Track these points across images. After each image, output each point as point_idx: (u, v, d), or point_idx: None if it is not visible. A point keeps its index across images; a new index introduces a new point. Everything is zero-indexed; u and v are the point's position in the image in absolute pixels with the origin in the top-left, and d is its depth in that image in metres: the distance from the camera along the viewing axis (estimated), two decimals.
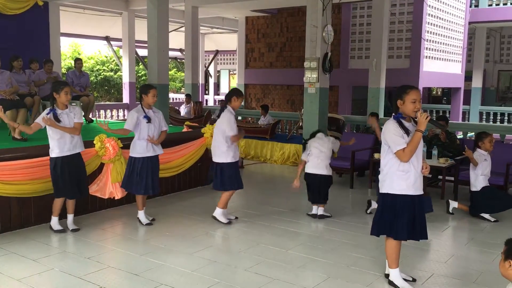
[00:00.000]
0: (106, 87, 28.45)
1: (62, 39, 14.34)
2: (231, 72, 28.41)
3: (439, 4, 14.80)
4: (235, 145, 5.91)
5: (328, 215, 6.25)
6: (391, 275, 4.15)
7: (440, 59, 15.29)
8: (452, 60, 16.15)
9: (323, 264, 4.68)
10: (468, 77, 18.39)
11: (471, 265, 4.76)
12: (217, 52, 23.66)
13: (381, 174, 4.05)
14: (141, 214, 5.90)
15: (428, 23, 14.23)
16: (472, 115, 18.88)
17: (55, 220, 5.50)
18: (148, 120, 5.64)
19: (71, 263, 4.64)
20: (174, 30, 16.83)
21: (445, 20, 15.24)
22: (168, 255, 4.87)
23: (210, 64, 24.20)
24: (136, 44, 16.11)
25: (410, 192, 3.93)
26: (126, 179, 5.83)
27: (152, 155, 5.76)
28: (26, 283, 4.15)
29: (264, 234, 5.59)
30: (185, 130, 8.62)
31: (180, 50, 21.05)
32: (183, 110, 14.08)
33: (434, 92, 24.02)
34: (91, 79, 22.27)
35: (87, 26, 16.56)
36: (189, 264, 4.61)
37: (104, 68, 28.73)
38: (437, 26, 14.78)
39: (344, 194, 7.75)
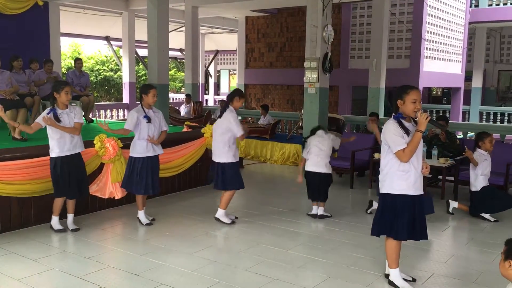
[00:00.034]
0: (106, 87, 28.46)
1: (62, 39, 14.34)
2: (231, 72, 28.41)
3: (439, 4, 14.80)
4: (235, 145, 5.91)
5: (328, 215, 6.25)
6: (391, 275, 4.15)
7: (440, 59, 15.29)
8: (452, 60, 16.15)
9: (323, 264, 4.68)
10: (468, 77, 18.39)
11: (471, 265, 4.76)
12: (217, 52, 23.66)
13: (381, 174, 4.05)
14: (141, 214, 5.90)
15: (428, 23, 14.22)
16: (472, 115, 18.88)
17: (55, 219, 5.51)
18: (148, 120, 5.63)
19: (71, 263, 4.64)
20: (174, 30, 16.83)
21: (445, 20, 15.24)
22: (168, 255, 4.87)
23: (210, 64, 24.21)
24: (136, 44, 16.11)
25: (410, 192, 3.93)
26: (126, 179, 5.83)
27: (152, 155, 5.76)
28: (26, 283, 4.16)
29: (264, 234, 5.59)
30: (185, 130, 8.63)
31: (180, 50, 21.06)
32: (183, 110, 14.09)
33: (434, 92, 24.02)
34: (91, 79, 22.28)
35: (87, 26, 16.57)
36: (189, 264, 4.61)
37: (104, 68, 28.74)
38: (437, 26, 14.78)
39: (344, 194, 7.75)
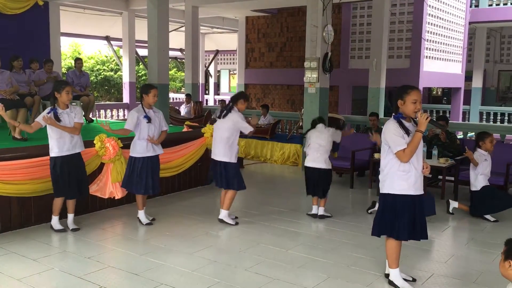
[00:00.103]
0: (106, 87, 28.46)
1: (62, 39, 14.34)
2: (231, 72, 28.41)
3: (439, 4, 14.79)
4: (238, 145, 5.92)
5: (329, 215, 6.25)
6: (391, 275, 4.15)
7: (440, 59, 15.29)
8: (452, 60, 16.14)
9: (323, 264, 4.68)
10: (468, 77, 18.39)
11: (471, 265, 4.76)
12: (217, 52, 23.66)
13: (381, 174, 4.05)
14: (141, 214, 5.90)
15: (428, 23, 14.22)
16: (472, 115, 18.87)
17: (55, 219, 5.51)
18: (149, 120, 5.63)
19: (71, 263, 4.64)
20: (174, 30, 16.83)
21: (445, 20, 15.24)
22: (168, 255, 4.87)
23: (210, 64, 24.20)
24: (136, 44, 16.11)
25: (411, 192, 3.93)
26: (126, 179, 5.83)
27: (152, 155, 5.76)
28: (26, 282, 4.16)
29: (264, 234, 5.59)
30: (185, 130, 8.63)
31: (180, 50, 21.06)
32: (183, 110, 14.09)
33: (434, 92, 24.01)
34: (91, 79, 22.31)
35: (87, 26, 16.57)
36: (189, 264, 4.61)
37: (104, 68, 28.74)
38: (437, 26, 14.78)
39: (344, 194, 7.75)
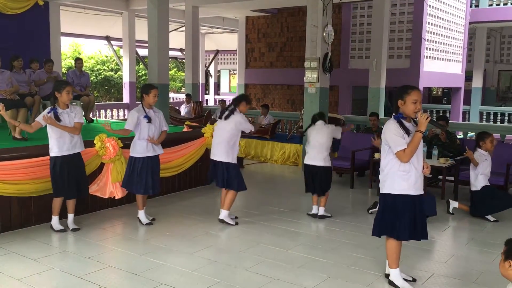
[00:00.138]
0: (107, 87, 28.46)
1: (63, 39, 14.33)
2: (232, 72, 28.41)
3: (440, 4, 14.79)
4: (238, 146, 5.92)
5: (329, 215, 6.25)
6: (391, 275, 4.15)
7: (440, 59, 15.28)
8: (452, 60, 16.14)
9: (323, 264, 4.68)
10: (468, 77, 18.38)
11: (471, 265, 4.76)
12: (217, 52, 23.66)
13: (381, 175, 4.05)
14: (141, 214, 5.90)
15: (429, 23, 14.22)
16: (472, 115, 18.87)
17: (55, 219, 5.51)
18: (149, 120, 5.63)
19: (71, 263, 4.64)
20: (175, 30, 16.83)
21: (445, 20, 15.24)
22: (168, 254, 4.88)
23: (210, 64, 24.20)
24: (137, 43, 16.11)
25: (411, 192, 3.93)
26: (126, 179, 5.83)
27: (152, 155, 5.76)
28: (27, 282, 4.16)
29: (264, 234, 5.59)
30: (185, 130, 8.63)
31: (181, 50, 21.05)
32: (183, 110, 14.08)
33: (434, 92, 24.01)
34: (91, 79, 22.32)
35: (88, 25, 16.57)
36: (189, 264, 4.61)
37: (104, 67, 28.75)
38: (437, 26, 14.77)
39: (344, 194, 7.75)
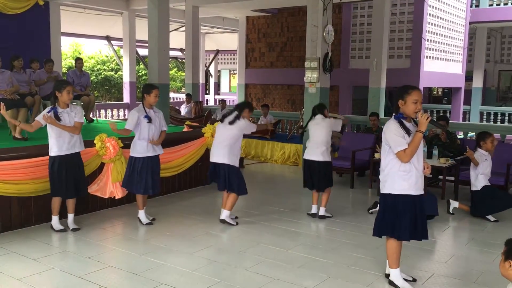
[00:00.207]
0: (107, 87, 28.46)
1: (63, 39, 14.32)
2: (232, 72, 28.41)
3: (440, 4, 14.78)
4: (240, 150, 5.96)
5: (329, 216, 6.25)
6: (391, 275, 4.15)
7: (440, 59, 15.28)
8: (452, 60, 16.13)
9: (323, 264, 4.68)
10: (468, 77, 18.37)
11: (471, 265, 4.76)
12: (217, 52, 23.66)
13: (382, 175, 4.05)
14: (141, 214, 5.90)
15: (429, 23, 14.21)
16: (473, 115, 18.86)
17: (55, 219, 5.51)
18: (149, 120, 5.63)
19: (71, 263, 4.64)
20: (175, 30, 16.83)
21: (445, 20, 15.23)
22: (168, 254, 4.87)
23: (210, 63, 24.20)
24: (137, 43, 16.11)
25: (412, 192, 3.93)
26: (126, 179, 5.83)
27: (152, 155, 5.76)
28: (27, 282, 4.16)
29: (264, 234, 5.59)
30: (185, 129, 8.63)
31: (181, 50, 21.05)
32: (183, 110, 14.08)
33: (435, 92, 24.00)
34: (91, 79, 22.28)
35: (88, 25, 16.57)
36: (189, 264, 4.61)
37: (104, 67, 28.75)
38: (437, 26, 14.76)
39: (345, 194, 7.75)
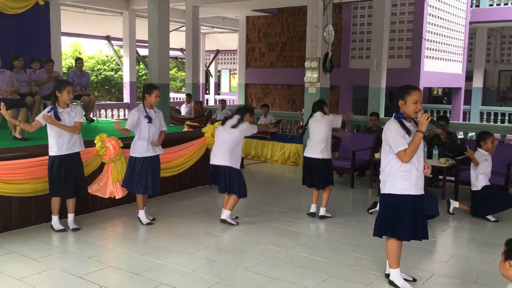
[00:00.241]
0: (107, 87, 28.47)
1: (63, 39, 14.32)
2: (232, 72, 28.41)
3: (440, 4, 14.78)
4: (240, 152, 6.01)
5: (330, 216, 6.24)
6: (391, 275, 4.15)
7: (441, 59, 15.27)
8: (453, 60, 16.13)
9: (324, 264, 4.68)
10: (469, 77, 18.37)
11: (471, 265, 4.76)
12: (217, 52, 23.66)
13: (382, 175, 4.04)
14: (141, 214, 5.90)
15: (429, 23, 14.20)
16: (473, 115, 18.86)
17: (55, 219, 5.51)
18: (149, 120, 5.63)
19: (71, 263, 4.64)
20: (175, 30, 16.82)
21: (446, 20, 15.23)
22: (168, 254, 4.87)
23: (210, 63, 24.20)
24: (137, 43, 16.11)
25: (412, 192, 3.93)
26: (127, 179, 5.83)
27: (152, 155, 5.76)
28: (27, 282, 4.16)
29: (264, 234, 5.59)
30: (185, 129, 8.63)
31: (181, 50, 21.05)
32: (183, 110, 14.08)
33: (435, 92, 24.00)
34: (91, 79, 22.28)
35: (88, 25, 16.57)
36: (189, 264, 4.61)
37: (104, 67, 28.76)
38: (438, 26, 14.76)
39: (345, 194, 7.75)
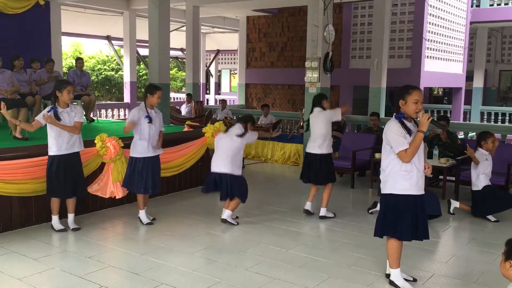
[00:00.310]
0: (107, 87, 28.47)
1: (63, 39, 14.32)
2: (232, 72, 28.42)
3: (440, 4, 14.77)
4: (242, 159, 6.05)
5: (330, 216, 6.22)
6: (392, 275, 4.15)
7: (441, 59, 15.26)
8: (453, 60, 16.12)
9: (324, 264, 4.68)
10: (469, 77, 18.36)
11: (472, 265, 4.76)
12: (218, 52, 23.66)
13: (382, 175, 4.04)
14: (142, 214, 5.90)
15: (429, 23, 14.20)
16: (473, 115, 18.85)
17: (55, 219, 5.51)
18: (150, 120, 5.64)
19: (71, 262, 4.65)
20: (175, 30, 16.82)
21: (446, 20, 15.22)
22: (168, 254, 4.87)
23: (211, 63, 24.20)
24: (137, 43, 16.10)
25: (413, 192, 3.92)
26: (127, 179, 5.83)
27: (152, 155, 5.77)
28: (27, 282, 4.16)
29: (264, 233, 5.59)
30: (186, 129, 8.62)
31: (181, 50, 21.05)
32: (184, 110, 14.08)
33: (435, 92, 24.00)
34: (92, 79, 22.32)
35: (88, 25, 16.57)
36: (189, 264, 4.61)
37: (105, 67, 28.75)
38: (438, 26, 14.75)
39: (345, 194, 7.75)
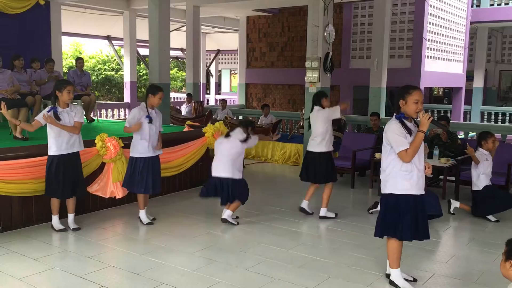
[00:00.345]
0: (107, 87, 28.45)
1: (64, 38, 14.33)
2: (232, 72, 28.41)
3: (441, 4, 14.77)
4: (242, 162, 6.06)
5: (331, 216, 6.22)
6: (392, 275, 4.15)
7: (441, 59, 15.26)
8: (453, 60, 16.12)
9: (324, 264, 4.68)
10: (469, 77, 18.36)
11: (472, 265, 4.76)
12: (218, 52, 23.66)
13: (383, 175, 4.04)
14: (142, 214, 5.90)
15: (430, 23, 14.20)
16: (474, 115, 18.85)
17: (55, 219, 5.51)
18: (150, 121, 5.64)
19: (72, 262, 4.65)
20: (176, 30, 16.82)
21: (446, 20, 15.22)
22: (169, 254, 4.88)
23: (211, 63, 24.19)
24: (137, 43, 16.10)
25: (413, 192, 3.92)
26: (127, 179, 5.83)
27: (153, 155, 5.77)
28: (27, 282, 4.16)
29: (265, 233, 5.59)
30: (186, 129, 8.62)
31: (181, 50, 21.04)
32: (184, 110, 14.08)
33: (436, 92, 23.99)
34: (92, 79, 22.29)
35: (89, 25, 16.57)
36: (190, 264, 4.61)
37: (105, 67, 28.73)
38: (438, 26, 14.75)
39: (345, 194, 7.75)
